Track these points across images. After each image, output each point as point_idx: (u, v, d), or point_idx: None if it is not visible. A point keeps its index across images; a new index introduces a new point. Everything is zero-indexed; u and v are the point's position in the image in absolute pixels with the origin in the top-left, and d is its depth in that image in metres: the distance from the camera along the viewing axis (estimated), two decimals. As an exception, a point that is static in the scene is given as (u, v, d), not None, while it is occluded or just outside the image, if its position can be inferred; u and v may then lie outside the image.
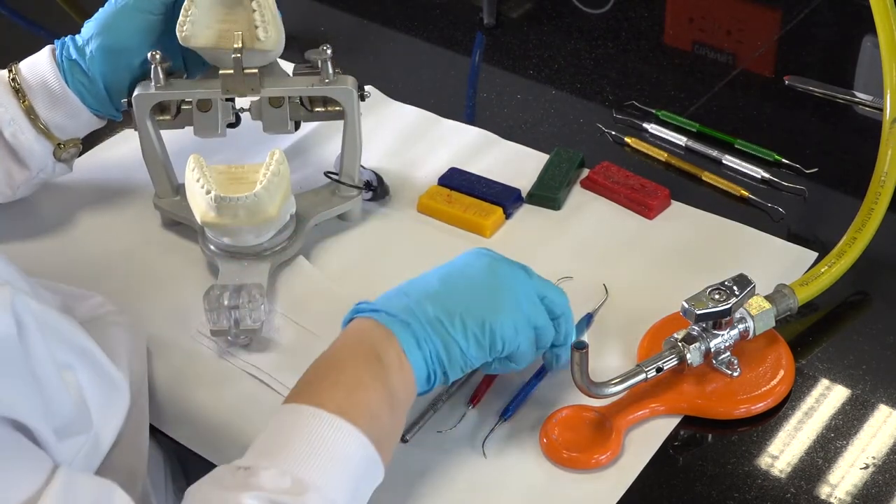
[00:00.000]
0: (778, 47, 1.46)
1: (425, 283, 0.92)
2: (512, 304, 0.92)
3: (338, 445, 0.83)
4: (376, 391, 0.86)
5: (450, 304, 0.90)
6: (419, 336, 0.89)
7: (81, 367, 0.82)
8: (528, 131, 1.32)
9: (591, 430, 0.96)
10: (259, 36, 1.07)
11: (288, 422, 0.84)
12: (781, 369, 1.00)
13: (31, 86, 1.13)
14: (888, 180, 1.10)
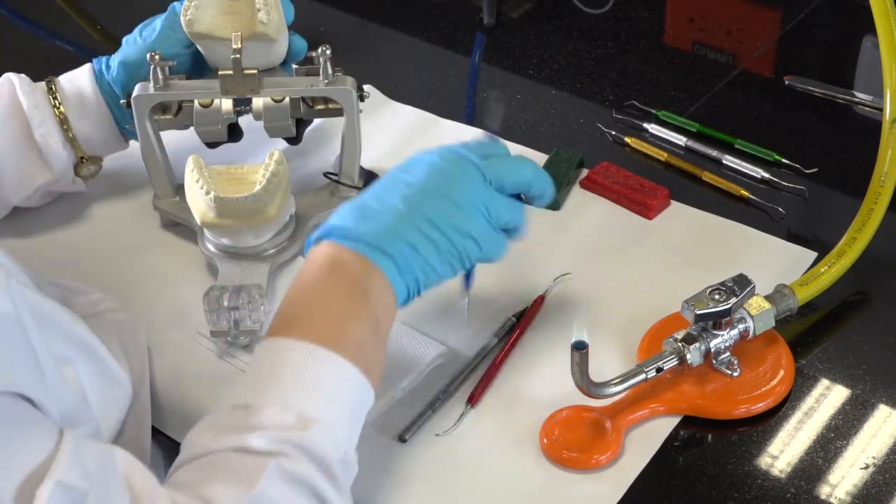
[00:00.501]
0: (778, 47, 1.46)
1: (391, 202, 0.92)
2: (478, 215, 0.95)
3: (331, 378, 0.84)
4: (362, 322, 0.88)
5: (423, 227, 0.92)
6: (400, 266, 0.91)
7: (81, 361, 0.82)
8: (528, 131, 1.32)
9: (591, 430, 0.96)
10: (261, 19, 1.07)
11: (278, 356, 0.85)
12: (781, 369, 1.00)
13: (66, 94, 1.15)
14: (888, 180, 1.10)
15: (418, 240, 0.92)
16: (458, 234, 0.94)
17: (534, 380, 1.02)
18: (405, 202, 0.92)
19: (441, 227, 0.93)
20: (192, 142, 1.19)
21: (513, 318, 1.07)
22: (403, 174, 0.95)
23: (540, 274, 1.11)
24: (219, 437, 0.81)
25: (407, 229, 0.91)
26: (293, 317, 0.87)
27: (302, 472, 0.80)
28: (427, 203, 0.93)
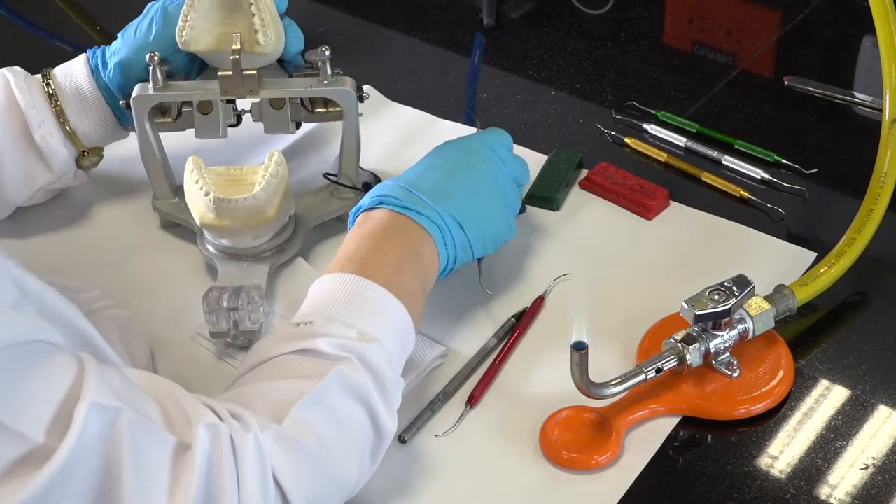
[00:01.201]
0: (777, 48, 1.46)
1: (441, 184, 1.02)
2: (506, 205, 1.06)
3: (388, 310, 0.93)
4: (414, 277, 0.97)
5: (467, 210, 1.02)
6: (447, 240, 1.00)
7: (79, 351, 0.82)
8: (528, 132, 1.32)
9: (590, 430, 0.96)
10: (259, 40, 1.07)
11: (339, 286, 0.93)
12: (781, 370, 1.00)
13: (63, 90, 1.15)
14: (887, 181, 1.10)
15: (466, 221, 1.01)
16: (495, 220, 1.04)
17: (533, 380, 1.02)
18: (451, 183, 1.02)
19: (484, 212, 1.03)
20: (191, 143, 1.19)
21: (512, 319, 1.07)
22: (439, 158, 1.06)
23: (539, 274, 1.12)
24: (283, 344, 0.88)
25: (457, 209, 1.01)
26: (353, 258, 0.95)
27: (360, 382, 0.86)
28: (468, 186, 1.03)
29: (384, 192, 1.00)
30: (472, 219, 1.01)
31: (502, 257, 1.14)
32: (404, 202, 0.99)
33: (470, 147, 1.07)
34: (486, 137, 1.09)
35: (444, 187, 1.02)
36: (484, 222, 1.03)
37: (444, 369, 1.03)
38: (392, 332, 0.92)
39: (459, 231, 1.01)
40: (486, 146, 1.07)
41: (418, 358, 1.03)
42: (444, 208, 1.00)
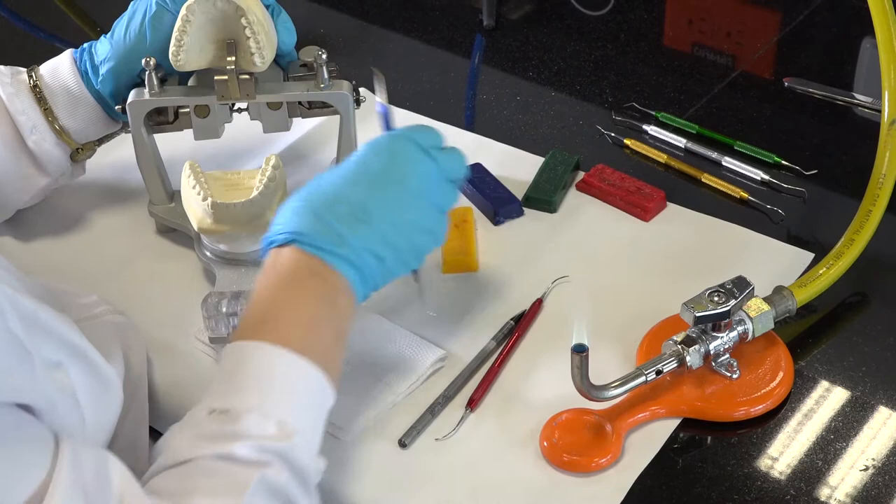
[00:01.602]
0: (777, 49, 1.46)
1: (359, 205, 0.93)
2: (433, 213, 0.97)
3: (306, 385, 0.87)
4: (329, 329, 0.90)
5: (387, 235, 0.93)
6: (365, 276, 0.93)
7: (73, 365, 0.82)
8: (528, 133, 1.32)
9: (591, 433, 0.96)
10: (255, 62, 1.06)
11: (254, 360, 0.86)
12: (781, 371, 1.00)
13: (52, 91, 1.14)
14: (886, 182, 1.10)
15: (383, 250, 0.93)
16: (418, 233, 0.96)
17: (533, 383, 1.02)
18: (369, 201, 0.94)
19: (403, 231, 0.95)
20: (187, 148, 1.19)
21: (511, 322, 1.07)
22: (361, 166, 0.96)
23: (537, 277, 1.11)
24: (201, 444, 0.82)
25: (373, 239, 0.93)
26: (265, 320, 0.88)
27: (283, 484, 0.81)
28: (389, 202, 0.94)
29: (296, 226, 0.92)
30: (392, 244, 0.94)
31: (500, 260, 1.14)
32: (317, 241, 0.91)
33: (396, 150, 0.98)
34: (415, 135, 0.99)
35: (362, 209, 0.93)
36: (405, 243, 0.95)
37: (443, 373, 1.03)
38: (311, 410, 0.87)
39: (378, 264, 0.93)
40: (413, 145, 0.98)
41: (418, 362, 1.03)
42: (361, 241, 0.92)
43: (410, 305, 1.10)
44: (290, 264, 0.91)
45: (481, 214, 1.20)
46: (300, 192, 0.94)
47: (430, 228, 0.97)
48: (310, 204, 0.93)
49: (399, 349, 1.05)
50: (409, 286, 1.11)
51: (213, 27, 1.06)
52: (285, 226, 0.92)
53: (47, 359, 0.79)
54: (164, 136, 1.17)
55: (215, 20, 1.06)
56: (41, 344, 0.78)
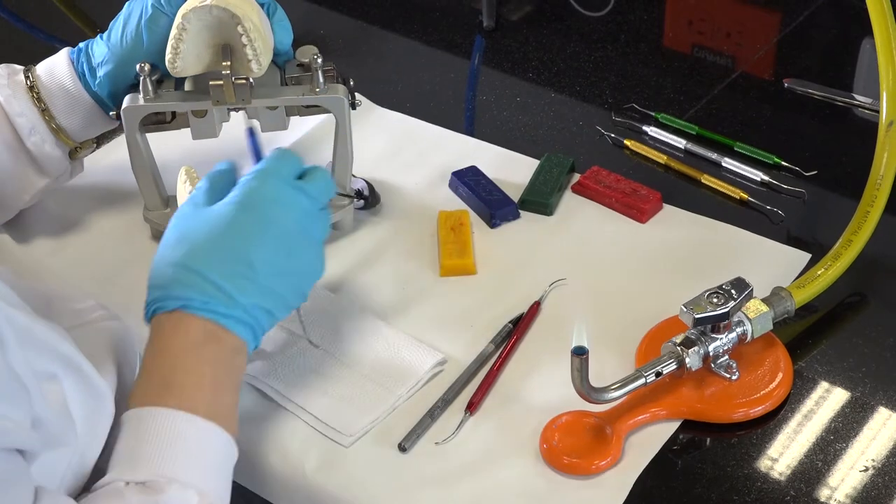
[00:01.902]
0: (777, 50, 1.46)
1: (240, 262, 0.92)
2: (312, 249, 0.98)
3: (218, 450, 0.89)
4: (230, 390, 0.92)
5: (273, 287, 0.93)
6: (257, 332, 0.94)
7: (66, 378, 0.82)
8: (528, 134, 1.32)
9: (591, 435, 0.97)
10: (252, 69, 1.06)
11: (166, 428, 0.86)
12: (780, 372, 1.00)
13: (50, 92, 1.14)
14: (884, 183, 1.10)
15: (271, 303, 0.94)
16: (302, 276, 0.97)
17: (532, 386, 1.02)
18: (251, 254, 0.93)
19: (289, 278, 0.95)
20: (181, 153, 1.19)
21: (509, 325, 1.07)
22: (235, 217, 0.94)
23: (534, 280, 1.12)
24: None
25: (260, 294, 0.93)
26: (167, 385, 0.89)
27: None
28: (271, 252, 0.94)
29: (183, 291, 0.91)
30: (279, 295, 0.94)
31: (497, 263, 1.14)
32: (212, 305, 0.90)
33: (266, 194, 0.96)
34: (279, 170, 0.97)
35: (246, 264, 0.92)
36: (291, 290, 0.96)
37: (442, 377, 1.03)
38: (224, 472, 0.89)
39: (267, 316, 0.94)
40: (280, 182, 0.97)
41: (416, 366, 1.03)
42: (250, 299, 0.92)
43: (409, 309, 1.10)
44: (186, 328, 0.91)
45: (477, 217, 1.20)
46: (177, 250, 0.93)
47: (312, 268, 0.98)
48: (192, 264, 0.92)
49: (398, 353, 1.04)
50: (408, 290, 1.12)
51: (210, 33, 1.06)
52: (171, 290, 0.91)
53: (41, 371, 0.79)
54: (159, 142, 1.16)
55: (211, 27, 1.05)
56: (35, 357, 0.78)
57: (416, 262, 1.15)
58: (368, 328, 1.07)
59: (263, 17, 1.10)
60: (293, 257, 0.95)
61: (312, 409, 1.01)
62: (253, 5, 1.08)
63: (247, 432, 0.98)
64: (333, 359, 1.05)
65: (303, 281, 0.97)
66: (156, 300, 0.92)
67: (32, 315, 0.83)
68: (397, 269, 1.15)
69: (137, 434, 0.86)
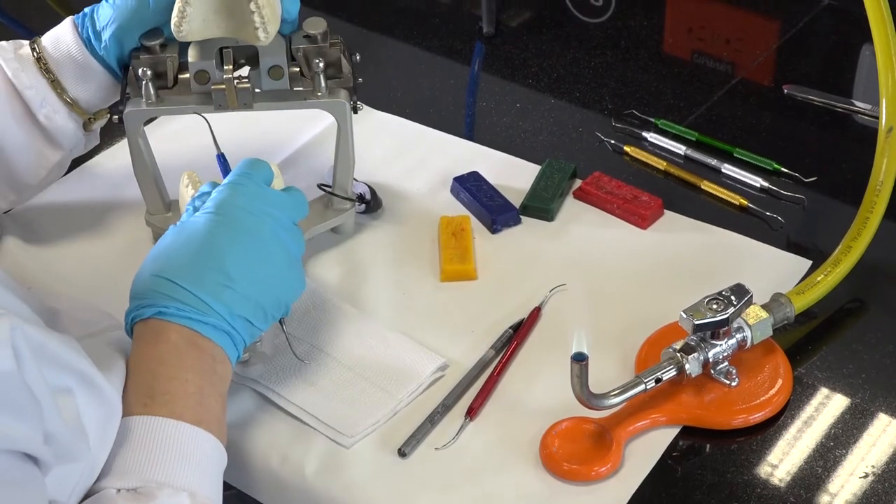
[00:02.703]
0: (777, 56, 1.46)
1: (218, 270, 0.93)
2: (290, 263, 0.98)
3: (207, 455, 0.89)
4: (215, 395, 0.92)
5: (251, 296, 0.94)
6: (237, 341, 0.94)
7: (80, 392, 0.83)
8: (528, 140, 1.32)
9: (591, 441, 0.97)
10: (259, 37, 1.04)
11: (154, 435, 0.87)
12: (779, 378, 1.00)
13: (57, 61, 1.12)
14: (883, 189, 1.10)
15: (250, 311, 0.94)
16: (281, 287, 0.97)
17: (532, 391, 1.02)
18: (228, 263, 0.94)
19: (267, 288, 0.96)
20: (184, 157, 1.19)
21: (509, 330, 1.07)
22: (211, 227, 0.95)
23: (535, 285, 1.12)
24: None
25: (239, 303, 0.93)
26: (152, 394, 0.89)
27: None
28: (247, 261, 0.95)
29: (162, 299, 0.91)
30: (258, 304, 0.95)
31: (498, 268, 1.15)
32: (188, 312, 0.91)
33: (233, 203, 0.97)
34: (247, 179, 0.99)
35: (223, 273, 0.93)
36: (270, 300, 0.96)
37: (442, 382, 1.03)
38: (214, 476, 0.90)
39: (247, 326, 0.94)
40: (249, 190, 0.98)
41: (418, 370, 1.03)
42: (229, 307, 0.92)
43: (410, 314, 1.10)
44: (168, 341, 0.91)
45: (479, 223, 1.20)
46: (155, 262, 0.94)
47: (290, 280, 0.98)
48: (167, 273, 0.93)
49: (400, 357, 1.05)
50: (408, 295, 1.12)
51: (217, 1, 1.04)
52: (148, 299, 0.92)
53: (56, 386, 0.79)
54: (162, 146, 1.16)
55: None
56: (50, 371, 0.79)
57: (417, 267, 1.15)
58: (370, 332, 1.07)
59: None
60: (269, 265, 0.96)
61: (314, 410, 1.01)
62: None
63: (247, 435, 0.98)
64: (335, 361, 1.05)
65: (282, 292, 0.97)
66: (132, 310, 0.93)
67: (46, 329, 0.83)
68: (398, 273, 1.15)
69: (126, 442, 0.87)
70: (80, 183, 1.26)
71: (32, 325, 0.79)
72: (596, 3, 1.58)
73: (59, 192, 1.24)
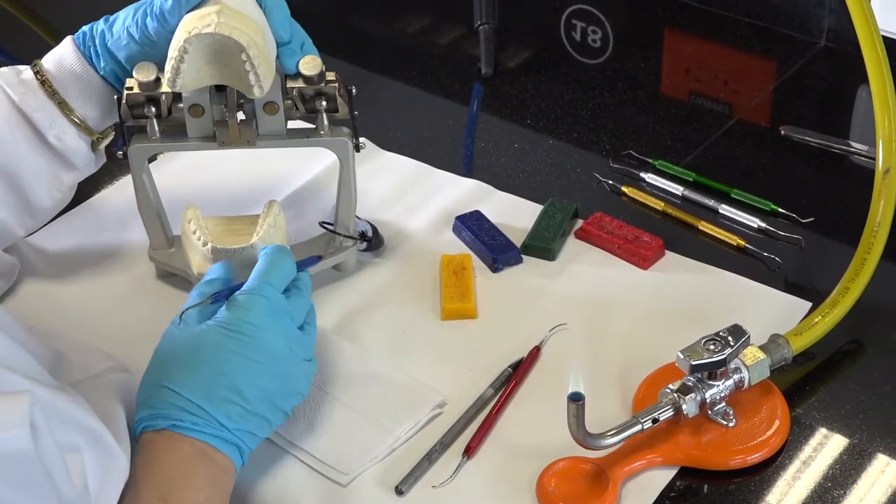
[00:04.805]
0: (774, 97, 1.47)
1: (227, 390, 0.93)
2: (301, 366, 0.99)
3: None
4: None
5: (259, 411, 0.94)
6: (243, 452, 0.95)
7: (88, 450, 0.83)
8: (526, 181, 1.32)
9: (587, 481, 0.96)
10: (255, 93, 1.05)
11: None
12: (777, 419, 1.00)
13: (62, 82, 1.12)
14: (880, 230, 1.10)
15: (258, 426, 0.95)
16: (289, 397, 0.98)
17: (530, 431, 1.02)
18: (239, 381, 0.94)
19: (276, 403, 0.96)
20: (187, 192, 1.19)
21: (509, 369, 1.07)
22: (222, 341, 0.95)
23: (535, 325, 1.12)
24: None
25: (248, 420, 0.94)
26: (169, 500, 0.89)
27: None
28: (258, 378, 0.95)
29: (174, 412, 0.92)
30: (266, 419, 0.95)
31: (498, 307, 1.15)
32: (202, 427, 0.92)
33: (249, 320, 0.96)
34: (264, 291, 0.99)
35: (234, 391, 0.93)
36: (278, 413, 0.97)
37: (440, 420, 1.03)
38: None
39: (252, 438, 0.95)
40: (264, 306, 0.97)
41: (416, 407, 1.03)
42: (238, 424, 0.93)
43: (410, 351, 1.10)
44: (178, 446, 0.92)
45: (480, 262, 1.20)
46: (164, 371, 0.94)
47: (297, 389, 0.99)
48: (180, 389, 0.93)
49: (398, 394, 1.05)
50: (409, 332, 1.12)
51: (211, 50, 1.04)
52: (159, 409, 0.92)
53: (65, 444, 0.79)
54: (166, 182, 1.16)
55: (214, 49, 1.03)
56: (59, 429, 0.79)
57: (418, 305, 1.15)
58: (369, 369, 1.07)
59: (265, 29, 1.07)
60: (279, 381, 0.96)
61: (310, 448, 1.01)
62: (255, 23, 1.06)
63: (243, 473, 0.98)
64: (333, 399, 1.05)
65: (290, 402, 0.98)
66: (144, 419, 0.93)
67: (53, 386, 0.83)
68: (399, 311, 1.15)
69: None
70: (82, 218, 1.26)
71: (40, 383, 0.79)
72: (594, 45, 1.59)
73: (61, 228, 1.24)
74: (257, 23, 1.07)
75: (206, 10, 1.05)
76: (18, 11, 1.67)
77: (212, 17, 1.03)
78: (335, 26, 1.68)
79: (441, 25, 1.67)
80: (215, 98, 1.10)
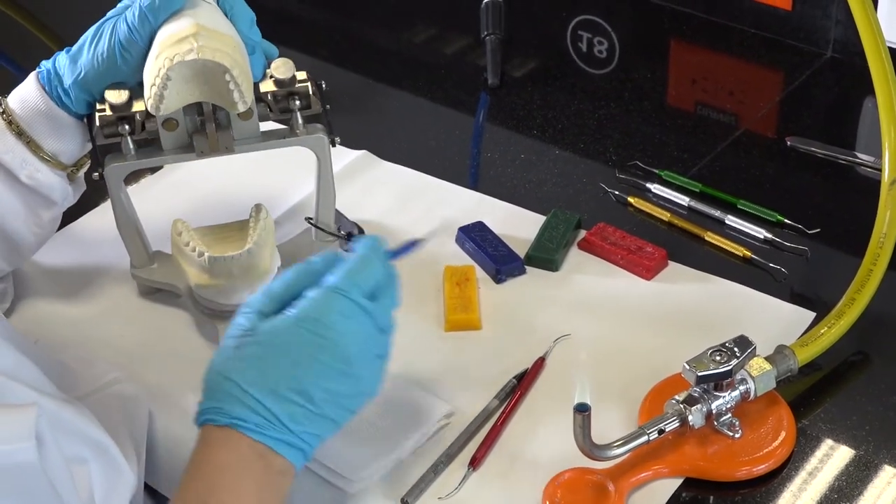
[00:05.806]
0: (780, 108, 1.47)
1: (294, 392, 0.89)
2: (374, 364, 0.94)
3: None
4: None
5: (326, 413, 0.91)
6: (307, 454, 0.91)
7: (95, 462, 0.83)
8: (532, 191, 1.33)
9: (593, 492, 0.96)
10: (238, 108, 1.04)
11: None
12: (783, 430, 1.00)
13: (29, 122, 1.10)
14: (887, 241, 1.10)
15: (324, 429, 0.91)
16: (357, 399, 0.94)
17: (536, 442, 1.02)
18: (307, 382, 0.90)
19: (344, 405, 0.92)
20: (165, 209, 1.19)
21: (513, 380, 1.07)
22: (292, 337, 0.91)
23: (539, 335, 1.12)
24: None
25: (314, 422, 0.90)
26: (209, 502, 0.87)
27: None
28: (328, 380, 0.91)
29: (237, 411, 0.88)
30: (333, 421, 0.92)
31: (502, 318, 1.15)
32: (265, 429, 0.88)
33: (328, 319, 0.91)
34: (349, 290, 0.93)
35: (301, 393, 0.89)
36: (345, 415, 0.93)
37: (446, 431, 1.03)
38: None
39: (318, 440, 0.92)
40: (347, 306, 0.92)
41: (425, 418, 1.03)
42: (303, 426, 0.90)
43: (414, 363, 1.10)
44: (234, 445, 0.88)
45: (483, 273, 1.20)
46: (234, 360, 0.90)
47: (368, 389, 0.94)
48: (247, 385, 0.89)
49: (407, 404, 1.05)
50: (413, 344, 1.12)
51: (192, 72, 1.02)
52: (222, 403, 0.89)
53: (71, 455, 0.79)
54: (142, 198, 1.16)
55: (197, 72, 1.02)
56: (65, 442, 0.79)
57: (422, 317, 1.15)
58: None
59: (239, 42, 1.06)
60: (350, 383, 0.92)
61: (319, 455, 1.00)
62: (231, 38, 1.04)
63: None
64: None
65: (358, 403, 0.94)
66: (207, 411, 0.90)
67: (60, 398, 0.83)
68: (403, 322, 1.14)
69: None
70: (60, 247, 1.25)
71: (48, 397, 0.80)
72: (600, 55, 1.59)
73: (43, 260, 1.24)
74: (233, 38, 1.05)
75: (182, 34, 1.02)
76: (22, 18, 1.67)
77: (190, 42, 1.00)
78: (342, 36, 1.68)
79: (447, 36, 1.67)
80: (188, 110, 1.08)
